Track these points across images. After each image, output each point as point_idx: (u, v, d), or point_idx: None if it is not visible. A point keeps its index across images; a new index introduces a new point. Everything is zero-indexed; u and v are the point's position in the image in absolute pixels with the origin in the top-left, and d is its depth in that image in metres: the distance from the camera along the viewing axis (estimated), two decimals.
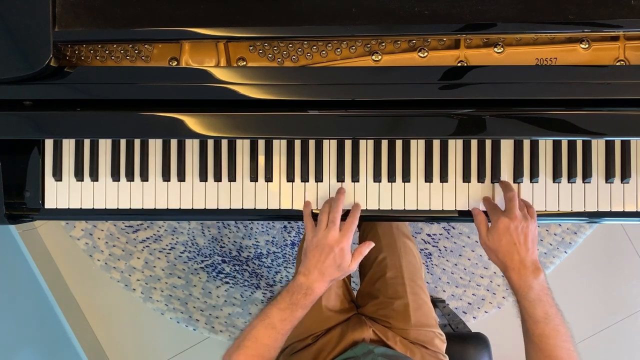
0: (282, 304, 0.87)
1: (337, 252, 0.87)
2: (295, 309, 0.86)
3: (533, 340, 0.82)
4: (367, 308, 1.09)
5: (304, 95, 0.86)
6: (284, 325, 0.86)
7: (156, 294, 1.78)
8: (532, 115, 0.86)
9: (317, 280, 0.87)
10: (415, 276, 1.12)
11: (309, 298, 0.87)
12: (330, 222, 0.89)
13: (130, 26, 0.84)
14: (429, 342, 1.04)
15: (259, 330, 0.86)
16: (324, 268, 0.87)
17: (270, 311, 0.87)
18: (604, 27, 0.83)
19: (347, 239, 0.88)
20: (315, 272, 0.87)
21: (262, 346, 0.85)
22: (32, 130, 0.89)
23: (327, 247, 0.87)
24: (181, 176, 0.97)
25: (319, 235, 0.89)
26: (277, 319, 0.86)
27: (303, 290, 0.87)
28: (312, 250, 0.89)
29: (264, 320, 0.86)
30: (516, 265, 0.84)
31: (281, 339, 0.87)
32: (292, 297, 0.87)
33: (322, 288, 0.88)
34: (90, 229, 1.76)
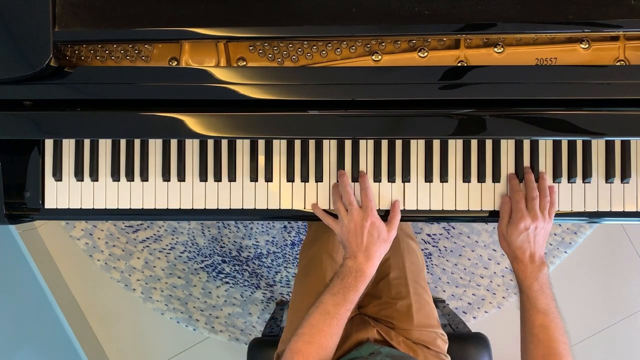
0: (334, 289, 0.88)
1: (369, 227, 0.89)
2: (347, 292, 0.87)
3: (533, 331, 0.85)
4: (370, 308, 1.09)
5: (304, 95, 0.86)
6: (338, 309, 0.86)
7: (156, 294, 1.78)
8: (532, 115, 0.86)
9: (364, 262, 0.88)
10: (418, 277, 1.12)
11: (360, 280, 0.88)
12: (348, 204, 0.90)
13: (130, 26, 0.84)
14: (432, 343, 1.04)
15: (314, 317, 0.86)
16: (365, 248, 0.89)
17: (324, 297, 0.87)
18: (604, 27, 0.83)
19: (371, 210, 0.90)
20: (360, 255, 0.89)
21: (318, 332, 0.85)
22: (32, 130, 0.89)
23: (357, 228, 0.89)
24: (181, 176, 0.97)
25: (345, 222, 0.90)
26: (331, 304, 0.86)
27: (353, 273, 0.88)
28: (347, 238, 0.90)
29: (318, 307, 0.87)
30: (526, 259, 0.89)
31: (336, 323, 0.86)
32: (344, 281, 0.88)
33: (372, 268, 0.89)
34: (90, 229, 1.76)
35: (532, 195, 0.90)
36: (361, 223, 0.89)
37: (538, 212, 0.89)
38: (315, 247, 1.16)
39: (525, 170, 0.94)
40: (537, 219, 0.89)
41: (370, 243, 0.89)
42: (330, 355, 0.86)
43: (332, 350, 0.87)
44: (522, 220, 0.89)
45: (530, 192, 0.91)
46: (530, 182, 0.92)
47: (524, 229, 0.89)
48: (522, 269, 0.89)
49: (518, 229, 0.89)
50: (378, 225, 0.90)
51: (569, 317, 0.87)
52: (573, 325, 1.80)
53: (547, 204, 0.90)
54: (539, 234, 0.89)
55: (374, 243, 0.89)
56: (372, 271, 0.90)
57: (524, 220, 0.89)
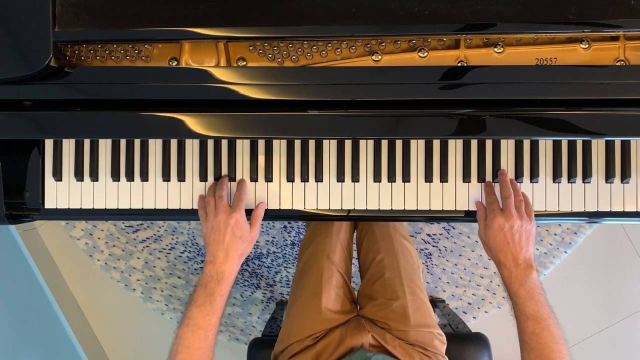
0: (199, 300, 0.85)
1: (233, 224, 0.88)
2: (213, 299, 0.85)
3: (525, 339, 0.83)
4: (367, 310, 1.09)
5: (304, 95, 0.86)
6: (209, 319, 0.84)
7: (156, 294, 1.78)
8: (532, 115, 0.86)
9: (224, 262, 0.88)
10: (414, 276, 1.12)
11: (223, 283, 0.86)
12: (218, 198, 0.90)
13: (130, 26, 0.84)
14: (429, 344, 1.03)
15: (187, 337, 0.83)
16: (226, 246, 0.88)
17: (191, 312, 0.85)
18: (604, 27, 0.83)
19: (239, 208, 0.90)
20: (219, 254, 0.88)
21: (195, 351, 0.82)
22: (32, 130, 0.89)
23: (221, 224, 0.88)
24: (181, 176, 0.97)
25: (210, 218, 0.90)
26: (200, 316, 0.84)
27: (215, 278, 0.87)
28: (210, 235, 0.89)
29: (187, 325, 0.84)
30: (509, 263, 0.86)
31: (212, 334, 0.85)
32: (207, 289, 0.86)
33: (233, 268, 0.88)
34: (90, 229, 1.76)
35: (505, 194, 0.90)
36: (226, 220, 0.88)
37: (513, 210, 0.88)
38: (312, 247, 1.16)
39: (500, 172, 0.94)
40: (511, 218, 0.87)
41: (230, 241, 0.88)
42: None
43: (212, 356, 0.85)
44: (495, 220, 0.88)
45: (503, 191, 0.91)
46: (504, 182, 0.92)
47: (499, 229, 0.87)
48: (506, 274, 0.86)
49: (493, 229, 0.88)
50: (242, 224, 0.90)
51: (569, 317, 0.86)
52: (573, 325, 1.81)
53: (520, 203, 0.89)
54: (517, 234, 0.86)
55: (235, 241, 0.89)
56: (234, 271, 0.89)
57: (497, 219, 0.87)
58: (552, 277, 1.76)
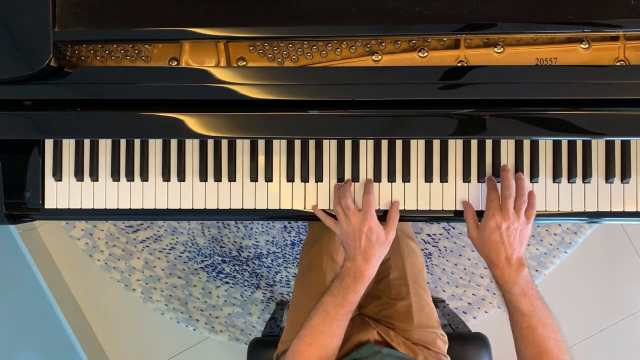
0: (334, 291, 0.88)
1: (367, 231, 0.89)
2: (346, 293, 0.87)
3: (521, 333, 0.83)
4: (370, 309, 1.09)
5: (304, 95, 0.86)
6: (338, 310, 0.87)
7: (156, 294, 1.78)
8: (532, 115, 0.86)
9: (363, 264, 0.89)
10: (418, 277, 1.12)
11: (359, 281, 0.88)
12: (346, 208, 0.91)
13: (130, 26, 0.84)
14: (431, 343, 1.04)
15: (314, 319, 0.87)
16: (363, 251, 0.89)
17: (324, 299, 0.88)
18: (604, 27, 0.83)
19: (370, 215, 0.90)
20: (359, 258, 0.89)
21: (318, 334, 0.86)
22: (32, 130, 0.89)
23: (356, 231, 0.89)
24: (181, 176, 0.97)
25: (343, 226, 0.90)
26: (331, 305, 0.87)
27: (352, 275, 0.88)
28: (346, 241, 0.91)
29: (318, 309, 0.88)
30: (501, 263, 0.86)
31: (337, 325, 0.87)
32: (343, 282, 0.88)
33: (371, 270, 0.90)
34: (90, 229, 1.76)
35: (506, 193, 0.87)
36: (359, 227, 0.89)
37: (511, 210, 0.86)
38: (316, 247, 1.16)
39: (502, 168, 0.92)
40: (509, 218, 0.85)
41: (368, 246, 0.89)
42: (332, 357, 0.87)
43: (334, 351, 0.87)
44: (492, 219, 0.86)
45: (504, 190, 0.88)
46: (506, 180, 0.89)
47: (495, 228, 0.86)
48: (499, 274, 0.86)
49: (489, 227, 0.86)
50: (376, 229, 0.89)
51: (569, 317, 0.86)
52: (573, 325, 1.81)
53: (522, 205, 0.87)
54: (512, 235, 0.85)
55: (372, 246, 0.89)
56: (372, 273, 0.90)
57: (495, 218, 0.86)
58: (552, 277, 1.76)
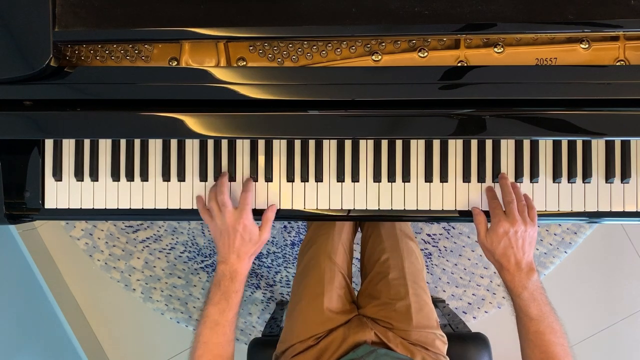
0: (215, 299, 0.88)
1: (241, 229, 0.89)
2: (228, 296, 0.87)
3: (529, 337, 0.84)
4: (369, 309, 1.09)
5: (304, 95, 0.86)
6: (226, 316, 0.87)
7: (156, 294, 1.78)
8: (532, 115, 0.86)
9: (236, 262, 0.89)
10: (418, 278, 1.12)
11: (236, 281, 0.88)
12: (221, 205, 0.90)
13: (130, 26, 0.84)
14: (430, 344, 1.04)
15: (205, 334, 0.86)
16: (236, 249, 0.89)
17: (207, 311, 0.87)
18: (604, 27, 0.83)
19: (245, 213, 0.90)
20: (231, 256, 0.89)
21: (214, 347, 0.85)
22: (32, 130, 0.89)
23: (230, 229, 0.89)
24: (181, 176, 0.97)
25: (217, 222, 0.91)
26: (217, 314, 0.86)
27: (227, 276, 0.88)
28: (218, 238, 0.91)
29: (205, 323, 0.86)
30: (512, 267, 0.87)
31: (229, 330, 0.87)
32: (221, 287, 0.88)
33: (245, 267, 0.90)
34: (90, 229, 1.76)
35: (508, 199, 0.89)
36: (234, 225, 0.89)
37: (517, 215, 0.88)
38: (314, 248, 1.16)
39: (500, 176, 0.94)
40: (516, 222, 0.87)
41: (241, 245, 0.89)
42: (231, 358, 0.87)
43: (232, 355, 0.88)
44: (500, 225, 0.87)
45: (505, 196, 0.90)
46: (506, 187, 0.91)
47: (503, 234, 0.87)
48: (509, 278, 0.87)
49: (497, 234, 0.87)
50: (250, 228, 0.90)
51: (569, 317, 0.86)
52: (573, 325, 1.81)
53: (524, 208, 0.89)
54: (521, 239, 0.87)
55: (245, 245, 0.90)
56: (246, 269, 0.90)
57: (502, 224, 0.87)
58: (552, 277, 1.76)
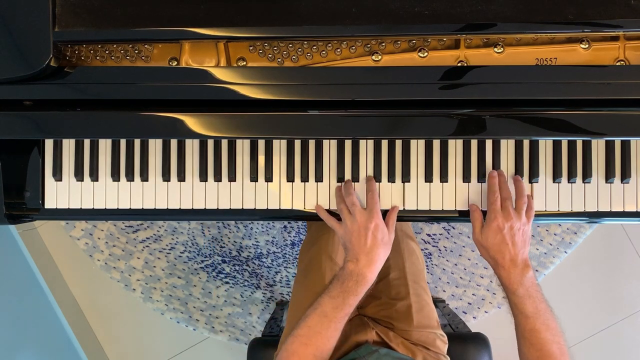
0: (333, 292, 0.86)
1: (373, 228, 0.88)
2: (347, 296, 0.86)
3: (525, 335, 0.84)
4: (369, 309, 1.09)
5: (304, 95, 0.86)
6: (336, 312, 0.85)
7: (156, 294, 1.78)
8: (532, 115, 0.86)
9: (366, 266, 0.87)
10: (418, 277, 1.12)
11: (360, 284, 0.87)
12: (351, 206, 0.89)
13: (130, 26, 0.84)
14: (431, 344, 1.04)
15: (311, 319, 0.85)
16: (369, 250, 0.87)
17: (322, 300, 0.86)
18: (604, 27, 0.83)
19: (376, 212, 0.89)
20: (362, 258, 0.87)
21: (315, 334, 0.84)
22: (32, 130, 0.89)
23: (361, 229, 0.88)
24: (181, 176, 0.97)
25: (348, 224, 0.89)
26: (329, 307, 0.85)
27: (354, 278, 0.87)
28: (350, 240, 0.88)
29: (316, 309, 0.86)
30: (506, 264, 0.87)
31: (334, 327, 0.85)
32: (343, 285, 0.86)
33: (373, 272, 0.88)
34: (90, 229, 1.76)
35: (505, 195, 0.89)
36: (365, 224, 0.88)
37: (512, 211, 0.88)
38: (315, 248, 1.16)
39: (499, 173, 0.93)
40: (511, 218, 0.87)
41: (373, 245, 0.87)
42: (326, 358, 0.86)
43: (329, 353, 0.86)
44: (495, 220, 0.87)
45: (503, 192, 0.90)
46: (503, 183, 0.91)
47: (498, 229, 0.87)
48: (504, 275, 0.87)
49: (491, 228, 0.87)
50: (382, 227, 0.89)
51: (569, 317, 0.86)
52: (573, 325, 1.81)
53: (523, 205, 0.89)
54: (516, 235, 0.86)
55: (377, 245, 0.88)
56: (373, 276, 0.89)
57: (497, 219, 0.87)
58: (552, 277, 1.76)
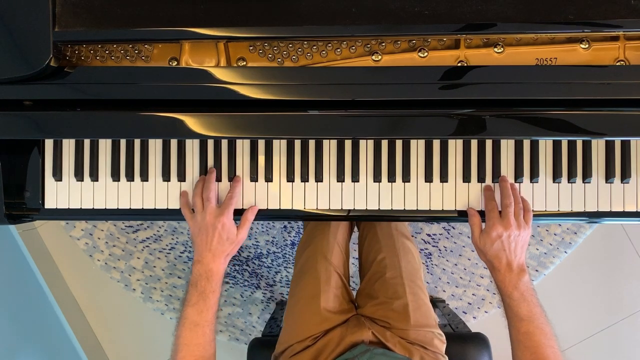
0: (192, 300, 0.87)
1: (220, 227, 0.89)
2: (205, 296, 0.87)
3: (519, 338, 0.85)
4: (367, 308, 1.09)
5: (304, 95, 0.86)
6: (205, 316, 0.86)
7: (156, 294, 1.78)
8: (532, 115, 0.86)
9: (211, 262, 0.89)
10: (415, 276, 1.12)
11: (213, 280, 0.88)
12: (205, 200, 0.91)
13: (130, 26, 0.84)
14: (428, 343, 1.04)
15: (185, 336, 0.85)
16: (213, 248, 0.89)
17: (186, 312, 0.87)
18: (604, 27, 0.83)
19: (227, 211, 0.90)
20: (207, 255, 0.89)
21: (195, 348, 0.85)
22: (32, 130, 0.89)
23: (209, 226, 0.89)
24: (181, 176, 0.97)
25: (197, 219, 0.91)
26: (195, 314, 0.86)
27: (204, 276, 0.88)
28: (197, 235, 0.90)
29: (184, 324, 0.86)
30: (503, 268, 0.88)
31: (209, 330, 0.87)
32: (198, 287, 0.88)
33: (220, 267, 0.90)
34: (90, 229, 1.76)
35: (506, 202, 0.90)
36: (213, 222, 0.89)
37: (512, 219, 0.88)
38: (310, 248, 1.16)
39: (501, 179, 0.94)
40: (510, 227, 0.88)
41: (218, 243, 0.89)
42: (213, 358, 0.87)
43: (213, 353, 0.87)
44: (494, 229, 0.88)
45: (504, 199, 0.91)
46: (505, 189, 0.92)
47: (496, 237, 0.88)
48: (500, 278, 0.88)
49: (491, 237, 0.88)
50: (229, 227, 0.90)
51: (569, 317, 0.87)
52: (573, 326, 1.81)
53: (520, 211, 0.90)
54: (514, 242, 0.88)
55: (222, 243, 0.89)
56: (222, 269, 0.90)
57: (496, 228, 0.88)
58: (552, 277, 1.76)
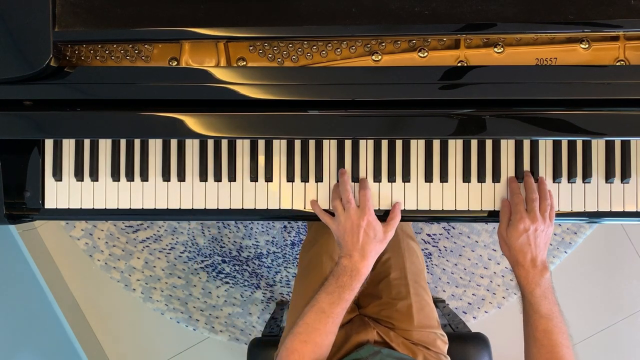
0: (329, 288, 0.88)
1: (365, 226, 0.89)
2: (342, 291, 0.87)
3: (536, 336, 0.85)
4: (370, 309, 1.09)
5: (304, 95, 0.86)
6: (333, 308, 0.86)
7: (156, 294, 1.78)
8: (532, 115, 0.86)
9: (359, 261, 0.88)
10: (419, 277, 1.12)
11: (355, 279, 0.88)
12: (345, 203, 0.90)
13: (130, 26, 0.84)
14: (431, 343, 1.04)
15: (309, 316, 0.86)
16: (361, 247, 0.89)
17: (319, 296, 0.88)
18: (604, 27, 0.83)
19: (368, 209, 0.90)
20: (355, 254, 0.89)
21: (313, 331, 0.85)
22: (32, 130, 0.89)
23: (354, 227, 0.89)
24: (181, 176, 0.97)
25: (341, 221, 0.90)
26: (326, 302, 0.87)
27: (348, 272, 0.88)
28: (343, 237, 0.90)
29: (313, 306, 0.87)
30: (527, 264, 0.88)
31: (332, 322, 0.87)
32: (339, 280, 0.88)
33: (367, 267, 0.89)
34: (90, 229, 1.76)
35: (532, 197, 0.90)
36: (357, 222, 0.89)
37: (538, 213, 0.89)
38: (316, 247, 1.16)
39: (525, 174, 0.94)
40: (536, 221, 0.88)
41: (365, 242, 0.89)
42: (325, 354, 0.87)
43: (328, 349, 0.87)
44: (521, 222, 0.88)
45: (530, 194, 0.91)
46: (530, 185, 0.92)
47: (523, 231, 0.88)
48: (523, 275, 0.88)
49: (517, 230, 0.88)
50: (374, 224, 0.90)
51: (569, 317, 0.87)
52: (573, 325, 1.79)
53: (547, 207, 0.90)
54: (539, 237, 0.88)
55: (369, 242, 0.89)
56: (367, 270, 0.90)
57: (523, 221, 0.88)
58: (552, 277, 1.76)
